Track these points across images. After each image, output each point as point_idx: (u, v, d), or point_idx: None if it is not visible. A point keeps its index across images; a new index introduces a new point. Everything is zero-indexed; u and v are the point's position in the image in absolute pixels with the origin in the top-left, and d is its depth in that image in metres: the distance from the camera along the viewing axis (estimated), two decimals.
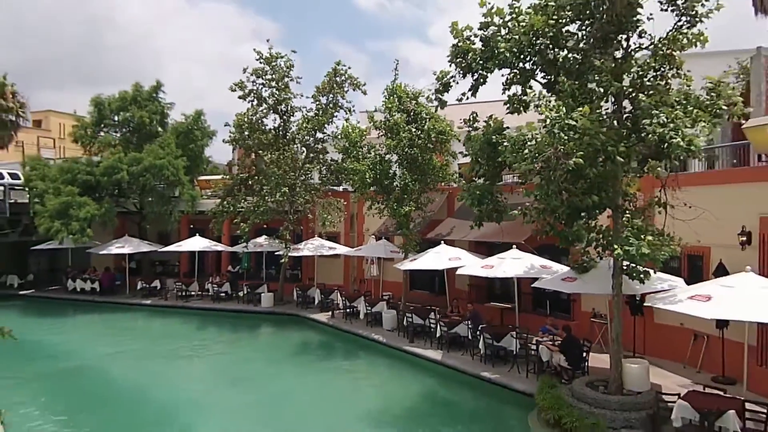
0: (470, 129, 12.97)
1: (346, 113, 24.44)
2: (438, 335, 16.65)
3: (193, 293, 26.36)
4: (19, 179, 30.42)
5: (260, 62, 23.61)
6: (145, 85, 29.30)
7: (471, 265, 16.19)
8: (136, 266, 30.57)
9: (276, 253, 24.10)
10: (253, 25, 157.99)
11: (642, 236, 9.53)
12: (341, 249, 24.08)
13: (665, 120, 9.77)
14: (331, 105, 24.39)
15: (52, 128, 59.67)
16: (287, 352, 18.82)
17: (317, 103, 24.32)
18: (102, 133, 29.16)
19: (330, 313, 22.05)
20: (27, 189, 28.15)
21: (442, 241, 18.41)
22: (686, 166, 16.24)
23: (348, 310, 21.23)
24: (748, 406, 9.51)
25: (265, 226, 24.70)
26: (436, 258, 17.16)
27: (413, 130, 18.25)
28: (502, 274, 14.77)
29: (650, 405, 10.51)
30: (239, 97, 23.42)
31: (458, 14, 61.26)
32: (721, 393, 10.15)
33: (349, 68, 24.26)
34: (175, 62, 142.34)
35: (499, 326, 16.56)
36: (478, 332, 15.33)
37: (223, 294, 25.82)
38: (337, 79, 24.23)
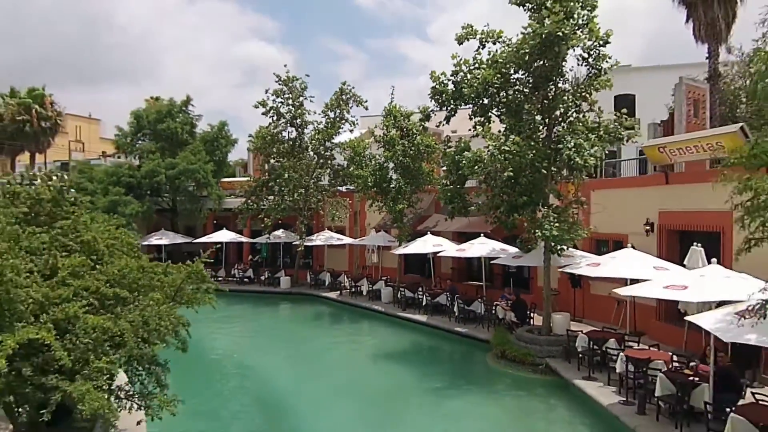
0: (446, 147, 17.67)
1: (351, 126, 29.15)
2: (424, 304, 21.45)
3: (220, 278, 31.02)
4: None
5: (279, 84, 28.23)
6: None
7: (449, 249, 20.88)
8: (167, 256, 35.20)
9: (294, 243, 28.77)
10: (253, 23, 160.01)
11: (552, 223, 14.17)
12: (347, 240, 28.78)
13: (572, 145, 14.45)
14: (338, 119, 29.01)
15: (69, 131, 64.10)
16: (305, 319, 23.65)
17: (326, 117, 28.95)
18: (140, 142, 33.70)
19: (338, 292, 26.81)
20: (77, 190, 32.73)
21: (429, 232, 23.05)
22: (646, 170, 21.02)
23: (353, 289, 26.01)
24: (626, 338, 14.21)
25: (279, 221, 29.35)
26: (423, 244, 21.85)
27: (406, 143, 22.90)
28: (471, 254, 19.49)
29: (565, 341, 15.17)
30: (262, 114, 28.08)
31: (457, 13, 65.94)
32: (611, 331, 14.84)
33: (353, 88, 28.93)
34: (174, 60, 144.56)
35: (472, 296, 21.20)
36: (454, 300, 20.05)
37: (246, 279, 30.48)
38: (343, 97, 28.85)
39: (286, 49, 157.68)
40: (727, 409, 9.22)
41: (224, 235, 31.13)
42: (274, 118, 28.28)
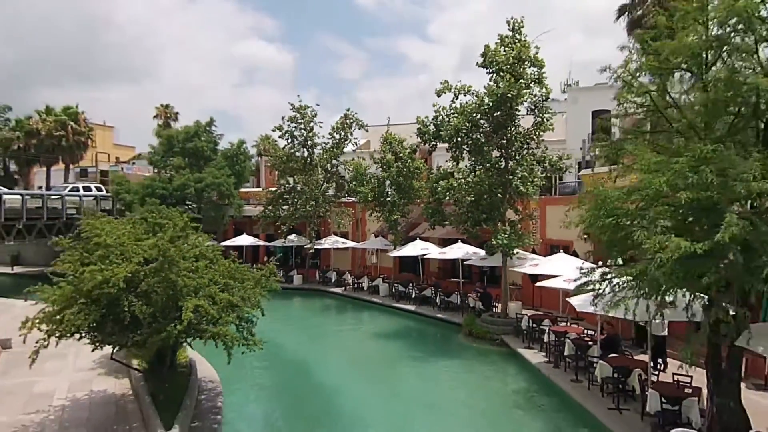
0: (429, 174, 22.76)
1: (354, 146, 34.26)
2: (413, 296, 26.57)
3: None
4: (102, 191, 40.14)
5: (293, 111, 33.27)
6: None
7: (434, 252, 25.97)
8: None
9: (305, 246, 33.87)
10: (252, 22, 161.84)
11: (504, 234, 19.24)
12: (350, 243, 33.84)
13: (519, 176, 19.53)
14: (342, 140, 34.06)
15: None
16: (316, 309, 28.75)
17: (333, 138, 34.00)
18: (171, 159, 38.71)
19: (343, 287, 31.94)
20: (116, 199, 37.73)
21: (418, 238, 28.12)
22: None
23: (355, 285, 31.11)
24: (559, 319, 19.28)
25: (292, 227, 34.40)
26: (413, 248, 26.93)
27: (399, 165, 27.96)
28: (450, 256, 24.59)
29: (516, 322, 20.22)
30: (279, 137, 33.17)
31: (457, 12, 70.32)
32: (548, 314, 19.91)
33: (356, 113, 33.99)
34: (174, 59, 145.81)
35: (452, 290, 26.29)
36: (437, 293, 25.15)
37: None
38: (347, 121, 33.92)
39: (285, 48, 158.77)
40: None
41: (245, 239, 36.19)
42: (289, 140, 33.34)
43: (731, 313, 9.00)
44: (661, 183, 7.75)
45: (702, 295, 9.39)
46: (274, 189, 35.60)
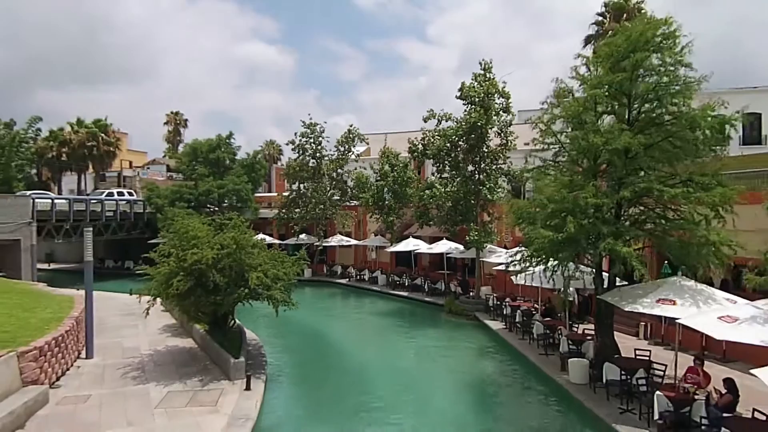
0: (419, 183, 28.19)
1: (356, 158, 39.71)
2: (406, 285, 32.04)
3: None
4: (134, 196, 45.54)
5: (304, 127, 38.73)
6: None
7: (423, 247, 31.39)
8: None
9: (314, 244, 39.30)
10: (253, 23, 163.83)
11: (474, 232, 24.65)
12: (353, 241, 39.25)
13: (487, 187, 24.97)
14: (346, 151, 39.49)
15: None
16: (324, 296, 34.23)
17: (338, 151, 39.44)
18: (196, 167, 44.07)
19: (347, 279, 37.35)
20: (148, 203, 43.03)
21: (411, 236, 33.52)
22: None
23: (358, 276, 36.53)
24: (518, 298, 24.71)
25: (302, 227, 39.78)
26: (406, 245, 32.34)
27: (395, 175, 33.38)
28: (436, 251, 29.99)
29: (486, 302, 25.58)
30: (292, 149, 38.70)
31: (457, 14, 73.82)
32: (510, 299, 25.33)
33: (358, 129, 39.47)
34: (174, 61, 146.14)
35: (439, 279, 31.68)
36: (425, 282, 30.58)
37: None
38: (350, 135, 39.37)
39: (286, 49, 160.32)
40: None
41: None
42: (300, 152, 38.81)
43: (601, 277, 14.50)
44: (542, 198, 13.15)
45: (587, 267, 14.87)
46: (286, 194, 41.04)
